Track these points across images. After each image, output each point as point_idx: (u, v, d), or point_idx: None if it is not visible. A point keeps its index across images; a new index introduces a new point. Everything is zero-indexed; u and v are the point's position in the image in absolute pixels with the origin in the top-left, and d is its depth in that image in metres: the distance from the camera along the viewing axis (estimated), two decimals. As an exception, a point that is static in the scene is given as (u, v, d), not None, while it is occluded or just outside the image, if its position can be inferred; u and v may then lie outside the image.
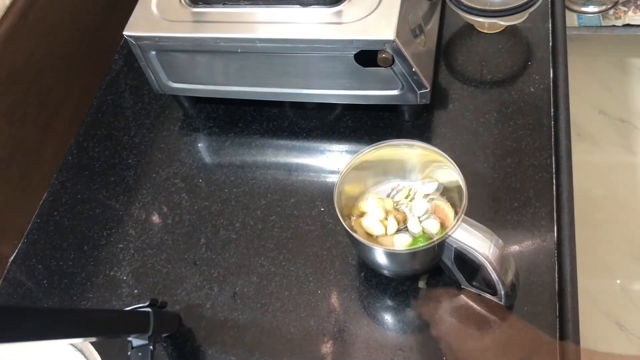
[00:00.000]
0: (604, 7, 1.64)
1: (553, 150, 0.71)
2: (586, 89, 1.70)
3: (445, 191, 0.63)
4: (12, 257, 0.75)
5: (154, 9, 0.73)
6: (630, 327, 1.35)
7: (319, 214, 0.71)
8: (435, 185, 0.64)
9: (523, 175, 0.69)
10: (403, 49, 0.65)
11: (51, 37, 0.84)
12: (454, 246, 0.55)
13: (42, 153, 0.83)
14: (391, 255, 0.59)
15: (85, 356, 0.59)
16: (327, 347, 0.62)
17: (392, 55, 0.65)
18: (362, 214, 0.64)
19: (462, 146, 0.73)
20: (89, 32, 0.91)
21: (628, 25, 1.65)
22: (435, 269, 0.63)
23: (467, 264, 0.60)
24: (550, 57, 0.79)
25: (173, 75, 0.77)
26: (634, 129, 1.66)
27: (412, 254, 0.58)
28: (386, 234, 0.62)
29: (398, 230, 0.62)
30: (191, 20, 0.71)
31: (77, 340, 0.58)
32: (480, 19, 0.77)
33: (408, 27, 0.68)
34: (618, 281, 1.41)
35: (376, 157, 0.63)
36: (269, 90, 0.76)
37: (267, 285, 0.67)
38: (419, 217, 0.62)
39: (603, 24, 1.66)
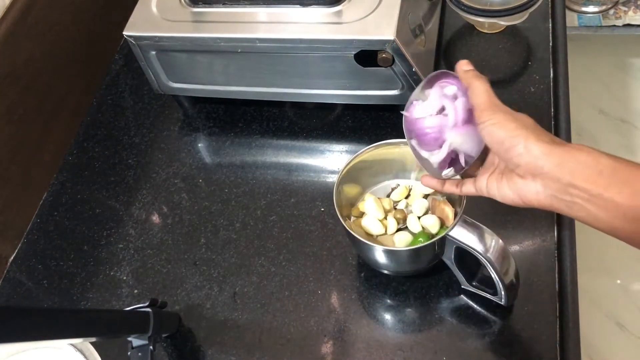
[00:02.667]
0: (604, 7, 1.64)
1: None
2: (586, 89, 1.70)
3: (445, 191, 0.63)
4: (12, 257, 0.75)
5: (154, 9, 0.73)
6: (630, 327, 1.35)
7: (319, 214, 0.71)
8: None
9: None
10: (403, 49, 0.65)
11: (51, 37, 0.84)
12: (454, 245, 0.55)
13: (42, 153, 0.83)
14: (391, 253, 0.59)
15: (85, 356, 0.59)
16: (327, 347, 0.62)
17: (392, 55, 0.65)
18: (361, 214, 0.64)
19: (462, 146, 0.73)
20: (89, 32, 0.91)
21: (628, 25, 1.65)
22: (436, 268, 0.63)
23: (467, 264, 0.60)
24: (550, 57, 0.79)
25: (173, 75, 0.77)
26: (634, 129, 1.66)
27: (413, 253, 0.58)
28: (386, 233, 0.62)
29: (398, 230, 0.62)
30: (191, 20, 0.71)
31: (77, 340, 0.58)
32: (480, 19, 0.77)
33: (408, 27, 0.68)
34: (618, 281, 1.41)
35: (375, 157, 0.63)
36: (269, 90, 0.76)
37: (267, 285, 0.67)
38: (418, 216, 0.62)
39: (603, 24, 1.65)
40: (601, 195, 0.40)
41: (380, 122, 0.78)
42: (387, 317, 0.64)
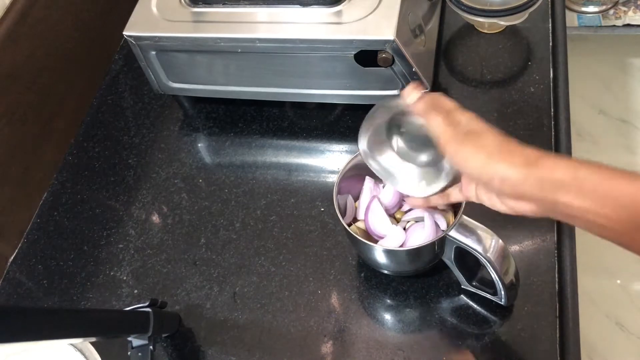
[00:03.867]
0: (604, 7, 1.64)
1: (553, 150, 0.71)
2: (586, 89, 1.70)
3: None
4: (12, 257, 0.75)
5: (154, 9, 0.73)
6: (630, 327, 1.35)
7: (319, 214, 0.71)
8: None
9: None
10: (403, 49, 0.65)
11: (51, 37, 0.84)
12: (454, 245, 0.55)
13: (42, 153, 0.83)
14: (391, 253, 0.59)
15: (85, 356, 0.59)
16: (327, 347, 0.62)
17: (392, 55, 0.65)
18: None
19: (462, 146, 0.73)
20: (89, 32, 0.91)
21: (628, 25, 1.65)
22: (436, 268, 0.63)
23: (467, 264, 0.60)
24: (550, 57, 0.79)
25: (173, 75, 0.77)
26: (634, 129, 1.66)
27: (413, 253, 0.58)
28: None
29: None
30: (191, 20, 0.71)
31: (77, 340, 0.58)
32: (480, 19, 0.77)
33: (408, 27, 0.68)
34: (618, 281, 1.41)
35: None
36: (269, 90, 0.76)
37: (267, 285, 0.67)
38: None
39: (603, 24, 1.65)
40: (590, 210, 0.39)
41: (380, 122, 0.77)
42: (387, 317, 0.64)
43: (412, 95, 0.48)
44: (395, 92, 0.71)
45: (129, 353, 0.57)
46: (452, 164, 0.47)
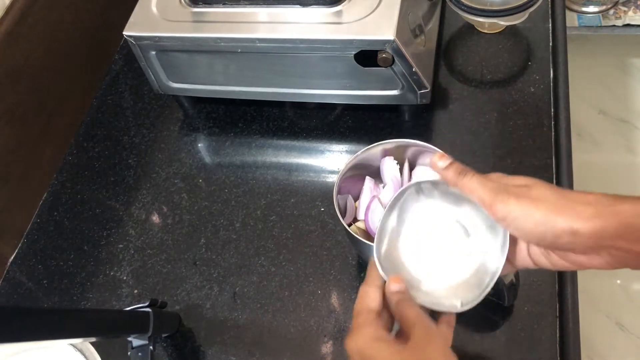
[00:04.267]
0: (604, 7, 1.64)
1: (553, 150, 0.71)
2: (586, 89, 1.70)
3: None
4: (12, 257, 0.75)
5: (154, 9, 0.73)
6: (630, 327, 1.35)
7: (319, 214, 0.71)
8: None
9: (523, 175, 0.69)
10: (403, 49, 0.65)
11: (51, 37, 0.84)
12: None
13: (42, 153, 0.83)
14: (391, 255, 0.59)
15: (85, 356, 0.59)
16: (327, 347, 0.62)
17: (392, 55, 0.65)
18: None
19: (462, 146, 0.73)
20: (89, 32, 0.91)
21: (628, 25, 1.65)
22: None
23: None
24: (550, 57, 0.79)
25: (173, 75, 0.77)
26: (634, 129, 1.66)
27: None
28: None
29: None
30: (191, 20, 0.71)
31: (77, 340, 0.58)
32: (480, 19, 0.77)
33: (408, 27, 0.68)
34: (618, 281, 1.41)
35: (375, 156, 0.63)
36: (269, 90, 0.76)
37: (267, 285, 0.67)
38: None
39: (603, 24, 1.65)
40: None
41: (380, 122, 0.78)
42: (387, 317, 0.64)
43: (441, 161, 0.43)
44: (395, 92, 0.71)
45: (129, 353, 0.57)
46: (504, 226, 0.41)
